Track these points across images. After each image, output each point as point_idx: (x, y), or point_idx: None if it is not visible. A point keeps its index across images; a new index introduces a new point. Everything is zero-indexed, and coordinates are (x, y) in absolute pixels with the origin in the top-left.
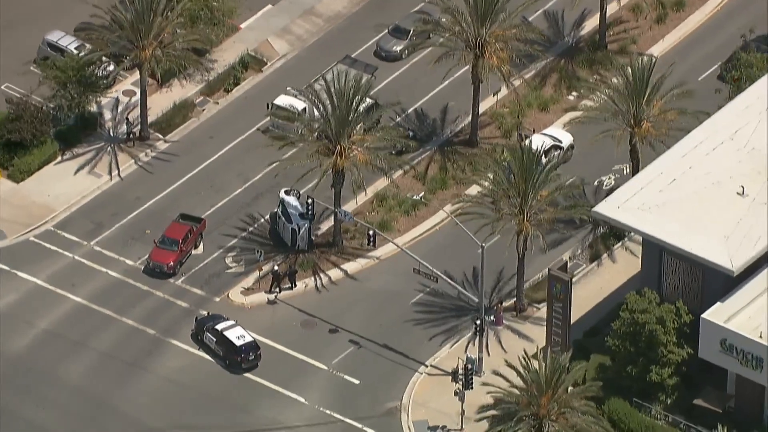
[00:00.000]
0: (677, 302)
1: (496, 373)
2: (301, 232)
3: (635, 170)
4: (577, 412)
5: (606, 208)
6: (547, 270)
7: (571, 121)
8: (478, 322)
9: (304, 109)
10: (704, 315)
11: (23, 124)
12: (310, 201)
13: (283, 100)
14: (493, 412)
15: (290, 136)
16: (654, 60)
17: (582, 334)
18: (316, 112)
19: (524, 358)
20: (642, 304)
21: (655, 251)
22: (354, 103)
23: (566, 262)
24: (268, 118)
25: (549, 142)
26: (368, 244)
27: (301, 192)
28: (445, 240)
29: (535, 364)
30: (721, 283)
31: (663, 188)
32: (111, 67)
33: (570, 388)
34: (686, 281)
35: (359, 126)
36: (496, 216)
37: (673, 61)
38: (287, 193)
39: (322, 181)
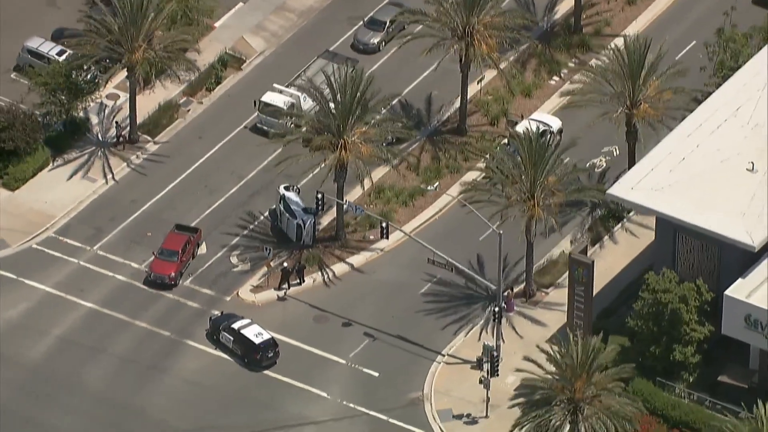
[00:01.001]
0: (697, 280)
1: (528, 359)
2: (306, 227)
3: (632, 152)
4: (614, 394)
5: (620, 189)
6: (551, 255)
7: (570, 104)
8: (496, 309)
9: (292, 105)
10: (727, 292)
11: (16, 133)
12: (320, 196)
13: (269, 97)
14: (521, 400)
15: (293, 133)
16: (649, 40)
17: (595, 317)
18: (304, 108)
19: (557, 343)
20: (663, 284)
21: (669, 231)
22: (357, 96)
23: (586, 246)
24: (256, 114)
25: (539, 128)
26: (381, 237)
27: (299, 187)
28: (445, 229)
29: (558, 348)
30: (738, 260)
31: (673, 168)
32: (97, 72)
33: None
34: (702, 259)
35: (362, 119)
36: (505, 203)
37: (664, 39)
38: (287, 189)
39: (317, 175)
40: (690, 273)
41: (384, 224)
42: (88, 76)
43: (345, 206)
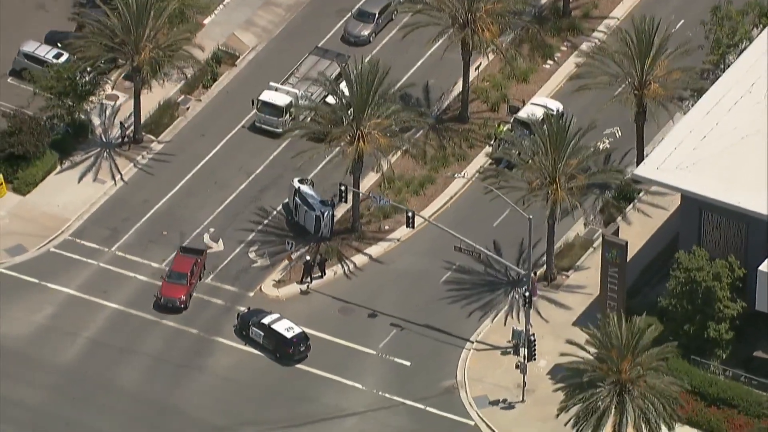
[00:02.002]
0: (729, 257)
1: (571, 342)
2: (325, 218)
3: (640, 133)
4: (661, 373)
5: (646, 170)
6: (566, 238)
7: (581, 88)
8: (526, 294)
9: (290, 103)
10: (761, 267)
11: (24, 137)
12: (343, 188)
13: (268, 96)
14: (559, 385)
15: (312, 127)
16: (659, 21)
17: None
18: (302, 105)
19: (602, 323)
20: (696, 262)
21: (695, 209)
22: (374, 87)
23: (618, 227)
24: (254, 113)
25: (543, 111)
26: (407, 226)
27: (312, 180)
28: (457, 217)
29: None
30: (766, 236)
31: (696, 146)
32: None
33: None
34: (728, 236)
35: (378, 110)
36: (528, 187)
37: (671, 18)
38: (301, 182)
39: (324, 168)
40: (716, 250)
41: (410, 214)
42: (90, 78)
43: (369, 197)
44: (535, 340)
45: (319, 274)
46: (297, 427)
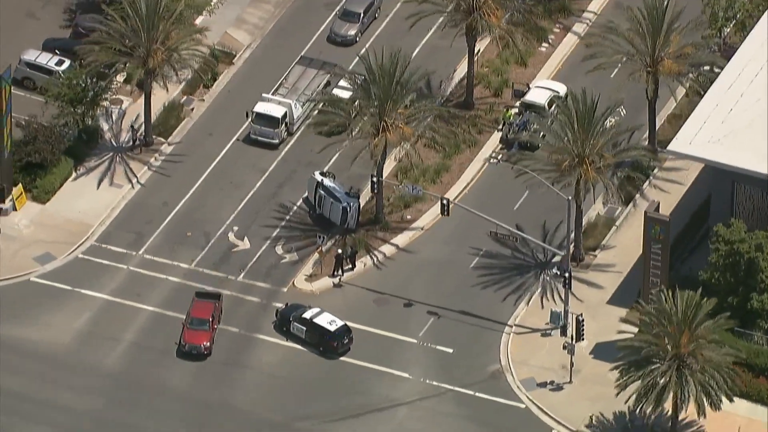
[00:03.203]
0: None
1: (625, 320)
2: (351, 210)
3: (652, 109)
4: (718, 346)
5: (679, 145)
6: (588, 217)
7: (597, 68)
8: (566, 275)
9: (285, 113)
10: None
11: (41, 145)
12: (375, 179)
13: (261, 107)
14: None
15: (336, 120)
16: None
17: None
18: (295, 115)
19: (661, 296)
20: (737, 234)
21: (727, 181)
22: (397, 77)
23: (659, 203)
24: (249, 125)
25: (550, 94)
26: (442, 214)
27: (333, 173)
28: (477, 202)
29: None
30: None
31: (724, 119)
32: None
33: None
34: (762, 207)
35: (401, 100)
36: (557, 169)
37: None
38: (322, 175)
39: (340, 158)
40: (749, 222)
41: (445, 201)
42: (101, 83)
43: (402, 187)
44: (583, 320)
45: (350, 266)
46: (351, 418)
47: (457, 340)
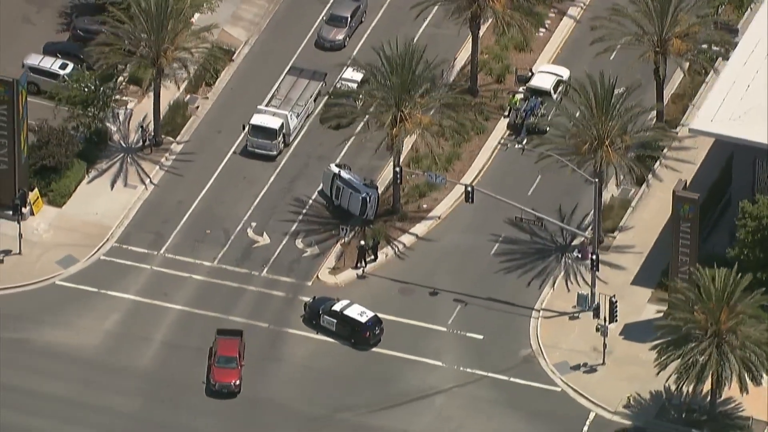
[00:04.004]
0: None
1: (663, 299)
2: (371, 200)
3: (660, 89)
4: (758, 322)
5: (701, 123)
6: (603, 200)
7: (607, 50)
8: (593, 257)
9: (282, 125)
10: None
11: (54, 149)
12: (398, 169)
13: (258, 119)
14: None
15: (352, 111)
16: None
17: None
18: (291, 126)
19: (701, 275)
20: (764, 209)
21: (749, 158)
22: (413, 67)
23: (687, 182)
24: (245, 137)
25: (554, 78)
26: (468, 201)
27: (348, 165)
28: (491, 188)
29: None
30: None
31: (743, 96)
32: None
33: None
34: None
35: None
36: (577, 152)
37: None
38: (339, 166)
39: (349, 150)
40: None
41: (470, 189)
42: (112, 84)
43: (426, 177)
44: (616, 302)
45: (372, 257)
46: (391, 408)
47: (486, 326)
